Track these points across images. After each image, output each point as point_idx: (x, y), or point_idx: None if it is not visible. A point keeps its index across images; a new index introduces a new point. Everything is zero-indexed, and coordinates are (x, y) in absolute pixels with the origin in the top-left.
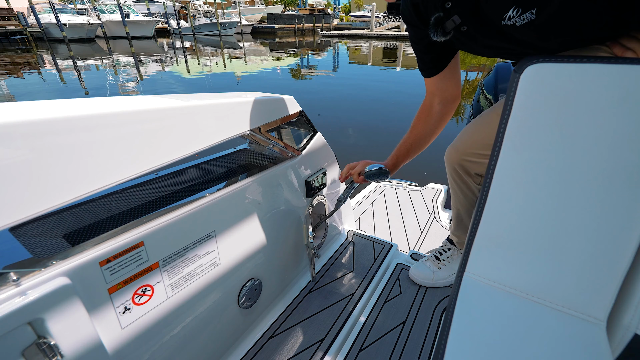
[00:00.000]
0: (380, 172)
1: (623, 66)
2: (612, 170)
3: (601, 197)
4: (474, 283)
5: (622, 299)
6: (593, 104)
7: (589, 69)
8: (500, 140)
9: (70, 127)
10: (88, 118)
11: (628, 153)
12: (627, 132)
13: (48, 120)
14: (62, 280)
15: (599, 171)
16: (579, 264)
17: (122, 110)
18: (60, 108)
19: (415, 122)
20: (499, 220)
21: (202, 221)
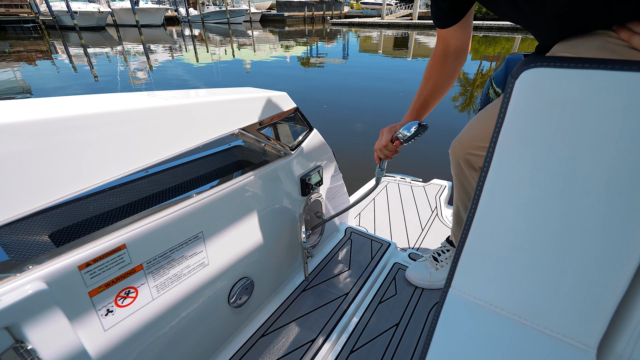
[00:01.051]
0: (418, 132)
1: (628, 74)
2: (610, 188)
3: (597, 218)
4: (460, 300)
5: (615, 325)
6: (594, 114)
7: (592, 76)
8: (492, 151)
9: (50, 129)
10: (68, 119)
11: (627, 170)
12: (627, 145)
13: (26, 123)
14: (38, 285)
15: (596, 189)
16: (571, 286)
17: (105, 110)
18: (40, 108)
19: (429, 72)
20: (488, 236)
21: (188, 222)
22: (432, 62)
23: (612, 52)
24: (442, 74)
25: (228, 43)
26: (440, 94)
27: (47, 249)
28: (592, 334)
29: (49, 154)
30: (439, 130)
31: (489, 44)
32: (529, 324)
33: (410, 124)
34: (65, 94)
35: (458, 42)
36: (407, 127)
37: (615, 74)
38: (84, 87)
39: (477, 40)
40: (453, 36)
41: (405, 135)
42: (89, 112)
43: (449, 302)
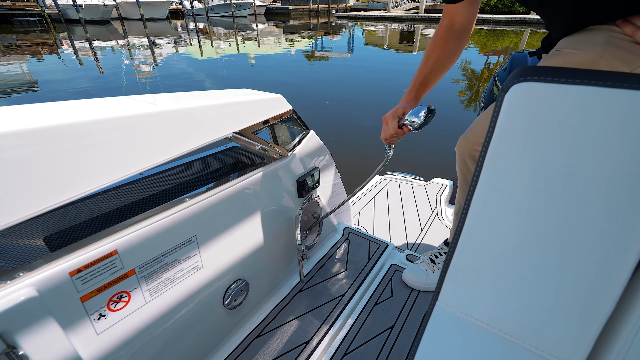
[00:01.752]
0: (428, 118)
1: (620, 91)
2: (598, 208)
3: (585, 238)
4: (446, 314)
5: (601, 345)
6: (583, 130)
7: (581, 91)
8: (480, 166)
9: (42, 137)
10: (60, 127)
11: (616, 190)
12: (615, 163)
13: (17, 132)
14: (29, 292)
15: (584, 208)
16: (558, 305)
17: (97, 117)
18: (33, 115)
19: (431, 49)
20: (476, 251)
21: (181, 226)
22: (435, 39)
23: (616, 46)
24: (444, 52)
25: (232, 37)
26: (440, 72)
27: (38, 256)
28: (578, 353)
29: (41, 161)
30: (442, 127)
31: (497, 38)
32: (515, 340)
33: (418, 109)
34: (71, 86)
35: (464, 20)
36: (415, 113)
37: (603, 90)
38: (90, 81)
39: (484, 34)
40: (460, 13)
41: (414, 122)
42: (81, 120)
43: (436, 316)
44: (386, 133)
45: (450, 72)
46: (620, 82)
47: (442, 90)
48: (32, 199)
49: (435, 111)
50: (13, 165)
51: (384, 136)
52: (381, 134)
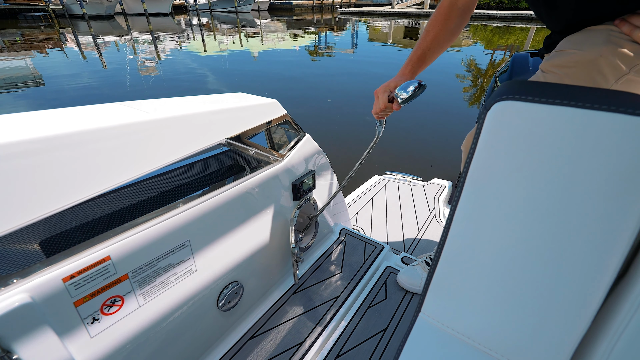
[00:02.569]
0: (416, 92)
1: (597, 113)
2: (576, 225)
3: (559, 255)
4: (428, 326)
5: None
6: (560, 150)
7: (563, 112)
8: (463, 182)
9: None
10: (55, 138)
11: (591, 207)
12: (592, 184)
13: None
14: (23, 298)
15: (561, 226)
16: (535, 320)
17: (91, 127)
18: (28, 124)
19: (431, 25)
20: (457, 266)
21: (174, 231)
22: (437, 15)
23: (615, 45)
24: (444, 29)
25: (236, 32)
26: (439, 49)
27: (31, 262)
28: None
29: (35, 170)
30: (445, 125)
31: (503, 34)
32: (494, 354)
33: (407, 84)
34: (75, 81)
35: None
36: (404, 88)
37: (577, 110)
38: (93, 76)
39: (490, 31)
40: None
41: (402, 97)
42: (75, 130)
43: (418, 327)
44: (376, 107)
45: (455, 68)
46: (595, 103)
47: (447, 87)
48: (26, 207)
49: (425, 87)
50: (8, 175)
51: (374, 110)
52: (373, 108)
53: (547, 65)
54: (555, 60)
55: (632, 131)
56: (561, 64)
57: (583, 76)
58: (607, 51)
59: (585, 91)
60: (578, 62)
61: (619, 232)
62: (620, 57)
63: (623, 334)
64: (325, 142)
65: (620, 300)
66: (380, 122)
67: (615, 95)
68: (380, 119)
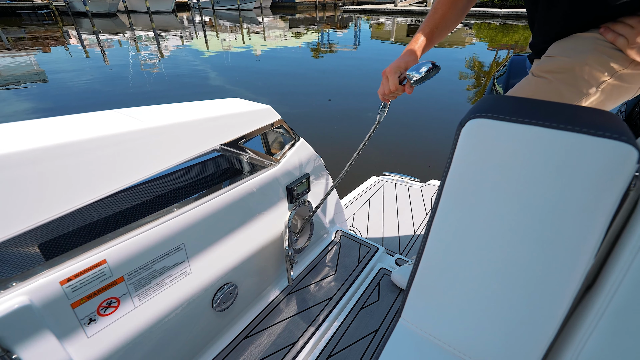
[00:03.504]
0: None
1: (559, 132)
2: (541, 235)
3: (529, 262)
4: (407, 330)
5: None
6: (527, 167)
7: (527, 131)
8: (439, 194)
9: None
10: (54, 147)
11: (555, 222)
12: (557, 197)
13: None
14: (22, 300)
15: (527, 236)
16: (506, 326)
17: (89, 136)
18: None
19: (440, 3)
20: (433, 275)
21: (169, 235)
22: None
23: (600, 53)
24: (453, 7)
25: (238, 30)
26: (446, 28)
27: (30, 266)
28: None
29: (38, 178)
30: (449, 124)
31: (507, 32)
32: (467, 358)
33: (420, 65)
34: (78, 78)
35: None
36: (416, 69)
37: (548, 131)
38: (96, 73)
39: (494, 29)
40: None
41: (415, 77)
42: (72, 140)
43: (397, 332)
44: (385, 88)
45: (458, 66)
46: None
47: (450, 83)
48: (25, 213)
49: (439, 68)
50: (9, 183)
51: (382, 91)
52: (379, 89)
53: (538, 69)
54: (546, 66)
55: (592, 149)
56: (551, 69)
57: (570, 81)
58: (592, 59)
59: (550, 110)
60: (565, 68)
61: (582, 244)
62: (603, 65)
63: (589, 340)
64: (325, 141)
65: (587, 309)
66: (384, 106)
67: (578, 115)
68: (385, 102)
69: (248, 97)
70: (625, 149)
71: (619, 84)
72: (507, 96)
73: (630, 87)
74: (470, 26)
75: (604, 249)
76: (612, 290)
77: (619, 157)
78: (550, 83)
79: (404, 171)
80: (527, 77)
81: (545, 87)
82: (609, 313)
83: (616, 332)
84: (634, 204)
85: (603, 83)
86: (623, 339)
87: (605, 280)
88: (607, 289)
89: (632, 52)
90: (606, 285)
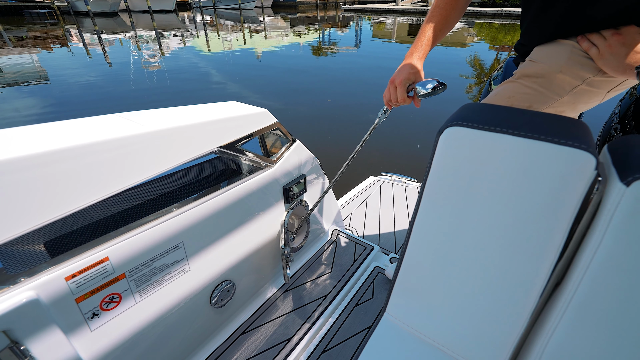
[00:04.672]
0: (436, 90)
1: (525, 140)
2: (510, 236)
3: (500, 261)
4: (390, 324)
5: (520, 356)
6: (497, 172)
7: (497, 138)
8: (420, 196)
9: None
10: (60, 151)
11: (524, 221)
12: (524, 200)
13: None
14: (30, 295)
15: (498, 236)
16: (480, 319)
17: (93, 140)
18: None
19: (438, 7)
20: (415, 271)
21: (168, 234)
22: None
23: (573, 62)
24: (454, 9)
25: (239, 29)
26: (448, 29)
27: (37, 262)
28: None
29: (44, 180)
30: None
31: (507, 32)
32: (446, 350)
33: (428, 81)
34: (80, 78)
35: None
36: (424, 84)
37: (517, 140)
38: (98, 72)
39: (495, 28)
40: None
41: (423, 92)
42: (78, 144)
43: (381, 325)
44: (392, 97)
45: (460, 67)
46: (524, 131)
47: (451, 82)
48: (32, 213)
49: (446, 87)
50: (18, 185)
51: (388, 98)
52: (385, 95)
53: (520, 72)
54: (527, 70)
55: (554, 156)
56: (531, 74)
57: (546, 85)
58: (566, 66)
59: (520, 118)
60: (543, 74)
61: (547, 244)
62: (576, 73)
63: (556, 330)
64: (324, 142)
65: (554, 304)
66: (385, 110)
67: (545, 123)
68: (387, 107)
69: (248, 96)
70: (583, 156)
71: (589, 89)
72: (483, 104)
73: (599, 91)
74: (472, 26)
75: (572, 249)
76: (574, 286)
77: (578, 163)
78: (529, 85)
79: (402, 171)
80: (511, 80)
81: (524, 89)
82: (572, 306)
83: (578, 322)
84: (596, 206)
85: (575, 88)
86: (583, 328)
87: (570, 278)
88: (571, 285)
89: (600, 63)
90: (570, 281)
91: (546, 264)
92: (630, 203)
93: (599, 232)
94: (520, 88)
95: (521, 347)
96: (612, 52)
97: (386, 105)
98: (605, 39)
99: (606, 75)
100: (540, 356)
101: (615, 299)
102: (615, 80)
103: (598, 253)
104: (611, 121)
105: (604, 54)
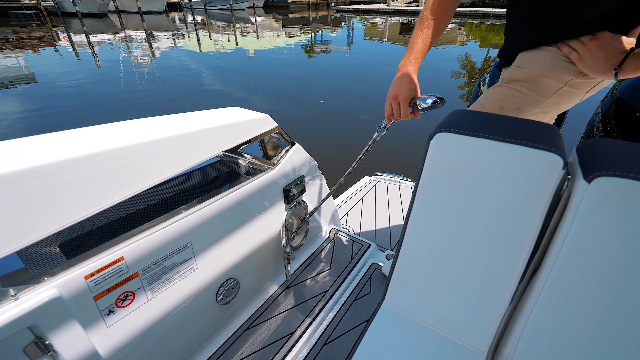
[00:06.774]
0: (435, 104)
1: (503, 144)
2: (491, 230)
3: (484, 252)
4: (389, 311)
5: (505, 334)
6: (480, 173)
7: (480, 142)
8: (414, 195)
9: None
10: (72, 160)
11: (503, 216)
12: (503, 198)
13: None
14: (52, 293)
15: (481, 231)
16: (468, 302)
17: (105, 148)
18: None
19: (427, 16)
20: (411, 263)
21: (178, 234)
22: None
23: (556, 67)
24: (445, 19)
25: (231, 30)
26: (438, 36)
27: (58, 262)
28: (482, 340)
29: (65, 187)
30: None
31: (497, 32)
32: (439, 331)
33: (428, 97)
34: (69, 80)
35: None
36: (425, 99)
37: (499, 144)
38: (86, 74)
39: (485, 28)
40: None
41: (423, 106)
42: (94, 151)
43: (381, 313)
44: (395, 113)
45: (451, 64)
46: (502, 136)
47: (443, 81)
48: (54, 218)
49: (445, 101)
50: (40, 191)
51: (390, 113)
52: (387, 110)
53: (508, 77)
54: (515, 75)
55: (528, 158)
56: (518, 79)
57: (532, 88)
58: (550, 72)
59: (501, 124)
60: (530, 78)
61: (522, 236)
62: (559, 75)
63: (533, 310)
64: (318, 142)
65: (532, 288)
66: (384, 125)
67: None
68: (387, 122)
69: (241, 98)
70: (552, 157)
71: (570, 90)
72: (468, 111)
73: (579, 92)
74: (462, 26)
75: (547, 240)
76: (548, 272)
77: (548, 164)
78: (517, 90)
79: (396, 171)
80: (499, 84)
81: (513, 92)
82: (546, 288)
83: (552, 302)
84: (566, 201)
85: (559, 90)
86: (556, 306)
87: (544, 264)
88: (545, 271)
89: (581, 65)
90: (545, 268)
91: (523, 253)
92: (591, 198)
93: (567, 223)
94: (510, 92)
95: (506, 327)
96: (591, 55)
97: (386, 121)
98: (584, 44)
99: (586, 77)
100: (521, 333)
101: (581, 280)
102: (594, 81)
103: (566, 242)
104: (594, 120)
105: (584, 57)
